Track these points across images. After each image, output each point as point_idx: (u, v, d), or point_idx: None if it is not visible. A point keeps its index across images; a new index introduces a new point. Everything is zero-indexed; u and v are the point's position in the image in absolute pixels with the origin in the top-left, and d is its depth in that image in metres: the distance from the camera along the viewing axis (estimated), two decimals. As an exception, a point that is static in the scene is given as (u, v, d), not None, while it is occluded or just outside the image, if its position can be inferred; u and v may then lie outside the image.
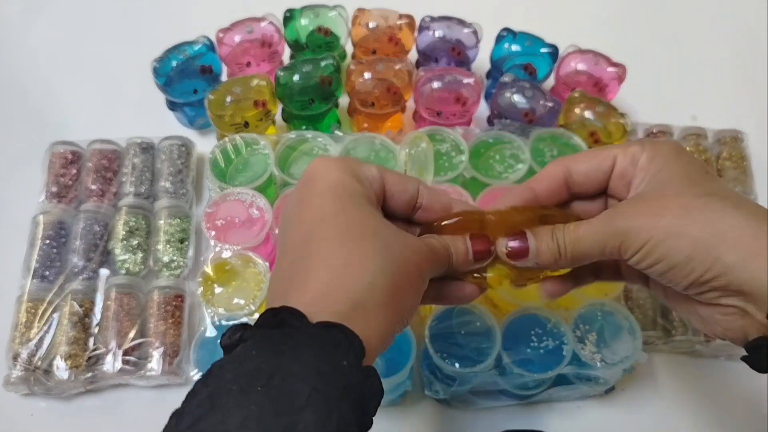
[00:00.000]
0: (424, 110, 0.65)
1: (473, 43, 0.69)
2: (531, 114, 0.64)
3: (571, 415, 0.57)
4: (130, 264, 0.59)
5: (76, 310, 0.55)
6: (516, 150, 0.61)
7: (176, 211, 0.61)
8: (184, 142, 0.65)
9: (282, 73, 0.62)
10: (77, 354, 0.54)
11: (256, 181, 0.57)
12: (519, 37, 0.69)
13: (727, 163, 0.68)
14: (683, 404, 0.58)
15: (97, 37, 0.78)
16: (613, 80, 0.68)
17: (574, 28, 0.72)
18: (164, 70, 0.64)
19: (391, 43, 0.69)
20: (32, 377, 0.53)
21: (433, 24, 0.69)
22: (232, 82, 0.63)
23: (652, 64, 0.77)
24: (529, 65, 0.69)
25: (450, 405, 0.56)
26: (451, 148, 0.61)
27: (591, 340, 0.52)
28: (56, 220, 0.60)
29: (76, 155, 0.64)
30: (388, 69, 0.64)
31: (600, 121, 0.63)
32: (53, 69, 0.75)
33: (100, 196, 0.62)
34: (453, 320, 0.52)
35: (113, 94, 0.73)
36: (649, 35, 0.82)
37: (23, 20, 0.80)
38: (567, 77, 0.69)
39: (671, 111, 0.72)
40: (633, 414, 0.57)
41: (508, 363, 0.50)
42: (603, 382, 0.54)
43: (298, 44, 0.69)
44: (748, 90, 0.77)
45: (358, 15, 0.69)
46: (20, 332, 0.55)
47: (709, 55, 0.80)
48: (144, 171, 0.63)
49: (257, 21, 0.68)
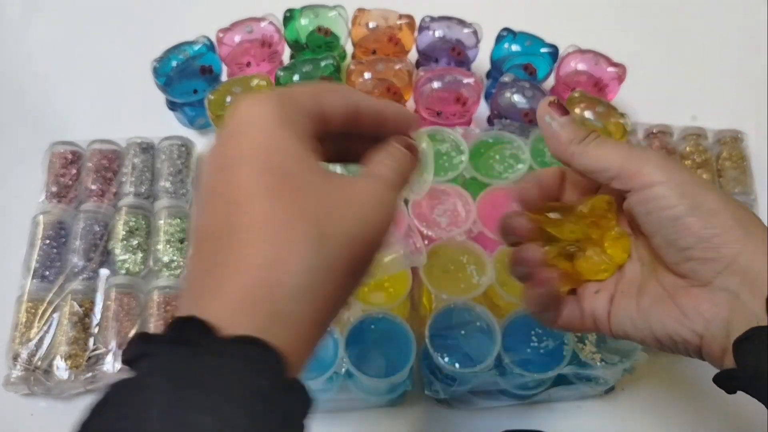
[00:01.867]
0: (424, 110, 0.66)
1: (473, 43, 0.69)
2: (531, 114, 0.64)
3: (571, 415, 0.57)
4: (130, 264, 0.59)
5: (76, 310, 0.55)
6: (516, 150, 0.61)
7: (176, 211, 0.61)
8: (184, 142, 0.65)
9: (282, 73, 0.62)
10: (77, 354, 0.54)
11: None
12: (519, 37, 0.69)
13: (727, 163, 0.68)
14: (683, 404, 0.58)
15: (97, 37, 0.78)
16: (613, 80, 0.68)
17: (574, 28, 0.72)
18: (164, 70, 0.64)
19: (391, 43, 0.69)
20: (32, 377, 0.53)
21: (433, 24, 0.69)
22: (232, 82, 0.63)
23: (652, 65, 0.77)
24: (529, 65, 0.69)
25: (450, 405, 0.56)
26: (451, 148, 0.61)
27: (591, 340, 0.52)
28: (56, 220, 0.60)
29: (76, 155, 0.64)
30: (388, 69, 0.64)
31: (600, 121, 0.63)
32: (53, 69, 0.75)
33: (100, 196, 0.62)
34: (453, 320, 0.52)
35: (113, 94, 0.73)
36: (649, 35, 0.82)
37: (23, 20, 0.80)
38: (567, 77, 0.69)
39: (671, 111, 0.72)
40: (633, 414, 0.57)
41: (508, 363, 0.50)
42: (603, 382, 0.54)
43: (298, 44, 0.69)
44: (748, 90, 0.77)
45: (358, 15, 0.69)
46: (20, 332, 0.55)
47: (709, 55, 0.80)
48: (144, 171, 0.63)
49: (257, 21, 0.68)
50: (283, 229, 0.25)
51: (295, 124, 0.27)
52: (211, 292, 0.25)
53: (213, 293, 0.25)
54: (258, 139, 0.26)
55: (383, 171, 0.31)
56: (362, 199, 0.28)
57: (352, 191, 0.28)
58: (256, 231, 0.25)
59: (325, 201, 0.26)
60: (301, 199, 0.26)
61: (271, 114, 0.27)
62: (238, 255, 0.25)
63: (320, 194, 0.26)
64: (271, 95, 0.28)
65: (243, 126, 0.27)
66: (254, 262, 0.24)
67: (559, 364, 0.50)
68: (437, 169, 0.60)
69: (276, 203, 0.25)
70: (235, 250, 0.25)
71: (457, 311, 0.52)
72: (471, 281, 0.53)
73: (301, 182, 0.26)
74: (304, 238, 0.25)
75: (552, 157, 0.62)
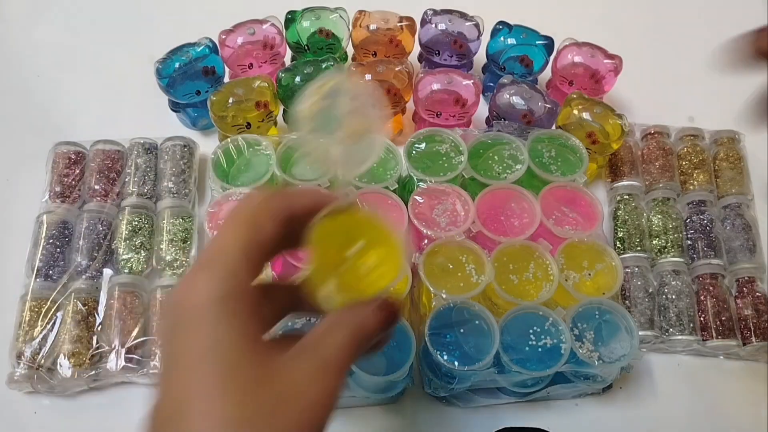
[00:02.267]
0: (423, 111, 0.66)
1: (475, 36, 0.70)
2: (529, 115, 0.64)
3: (569, 413, 0.57)
4: (134, 263, 0.59)
5: (79, 309, 0.56)
6: (515, 151, 0.62)
7: (179, 211, 0.62)
8: (186, 142, 0.65)
9: (283, 74, 0.63)
10: (80, 352, 0.55)
11: (258, 181, 0.58)
12: (515, 30, 0.70)
13: (723, 164, 0.68)
14: (680, 403, 0.58)
15: (100, 38, 0.79)
16: (609, 72, 0.69)
17: (571, 30, 0.72)
18: (167, 72, 0.65)
19: (391, 45, 0.69)
20: (36, 375, 0.54)
21: (435, 17, 0.70)
22: (234, 83, 0.63)
23: (650, 66, 0.78)
24: (525, 57, 0.69)
25: (449, 402, 0.56)
26: (450, 149, 0.62)
27: (589, 339, 0.52)
28: (60, 220, 0.60)
29: (79, 155, 0.64)
30: (388, 71, 0.64)
31: (598, 122, 0.63)
32: (57, 70, 0.76)
33: (103, 196, 0.62)
34: (452, 318, 0.52)
35: (117, 95, 0.74)
36: (646, 36, 0.82)
37: (27, 21, 0.80)
38: (564, 69, 0.70)
39: (668, 112, 0.73)
40: (630, 412, 0.57)
41: (507, 361, 0.50)
42: (601, 380, 0.54)
43: (300, 46, 0.69)
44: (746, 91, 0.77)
45: (358, 17, 0.70)
46: (24, 331, 0.55)
47: (707, 56, 0.80)
48: (147, 171, 0.64)
49: (259, 23, 0.68)
50: (229, 428, 0.26)
51: (236, 303, 0.28)
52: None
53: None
54: (201, 337, 0.27)
55: (335, 352, 0.29)
56: (304, 390, 0.28)
57: (295, 383, 0.28)
58: (203, 427, 0.26)
59: (267, 398, 0.27)
60: (245, 398, 0.27)
61: (212, 303, 0.28)
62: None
63: (263, 390, 0.27)
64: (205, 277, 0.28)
65: (188, 319, 0.28)
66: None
67: (558, 362, 0.50)
68: (437, 170, 0.60)
69: (220, 403, 0.26)
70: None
71: (456, 310, 0.53)
72: (470, 280, 0.54)
73: (245, 380, 0.27)
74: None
75: (551, 157, 0.62)
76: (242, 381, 0.27)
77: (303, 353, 0.29)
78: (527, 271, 0.55)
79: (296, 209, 0.31)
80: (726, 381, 0.59)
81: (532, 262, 0.55)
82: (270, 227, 0.30)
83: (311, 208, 0.31)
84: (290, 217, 0.31)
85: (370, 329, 0.30)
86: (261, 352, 0.28)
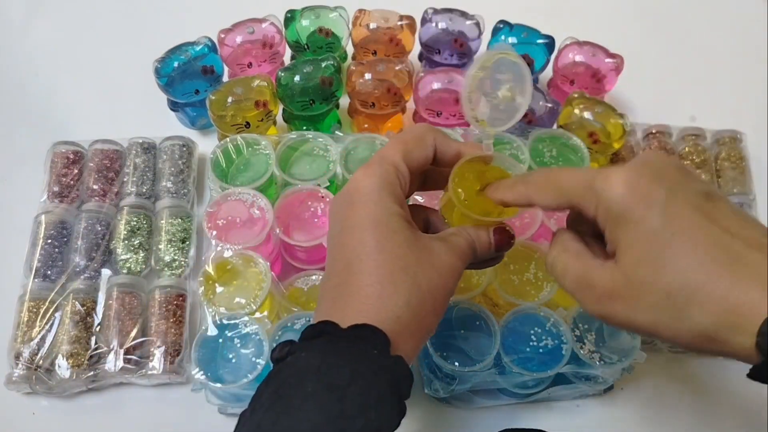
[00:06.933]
0: (424, 111, 0.66)
1: (476, 35, 0.69)
2: (530, 114, 0.64)
3: (570, 414, 0.57)
4: (132, 263, 0.59)
5: (77, 309, 0.56)
6: (515, 150, 0.62)
7: (178, 211, 0.62)
8: (185, 142, 0.65)
9: (283, 73, 0.62)
10: (79, 353, 0.54)
11: (257, 181, 0.58)
12: (515, 29, 0.70)
13: (725, 164, 0.68)
14: (682, 403, 0.58)
15: (99, 37, 0.79)
16: (611, 71, 0.68)
17: (572, 29, 0.72)
18: (166, 71, 0.65)
19: (391, 44, 0.69)
20: (34, 376, 0.53)
21: (435, 16, 0.69)
22: (233, 82, 0.63)
23: (651, 65, 0.78)
24: (526, 56, 0.69)
25: (450, 403, 0.56)
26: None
27: (590, 340, 0.52)
28: (58, 220, 0.60)
29: (77, 155, 0.64)
30: (388, 70, 0.64)
31: (599, 121, 0.63)
32: (55, 69, 0.76)
33: (102, 196, 0.62)
34: (453, 319, 0.52)
35: (115, 94, 0.74)
36: (648, 36, 0.82)
37: (25, 20, 0.80)
38: (565, 69, 0.70)
39: (670, 111, 0.73)
40: (632, 413, 0.57)
41: (508, 362, 0.50)
42: (602, 381, 0.54)
43: (299, 45, 0.69)
44: (747, 91, 0.77)
45: (358, 16, 0.69)
46: (22, 331, 0.55)
47: (709, 56, 0.80)
48: (146, 171, 0.63)
49: (258, 22, 0.68)
50: (388, 276, 0.36)
51: (394, 192, 0.39)
52: (340, 311, 0.36)
53: (341, 311, 0.36)
54: (369, 209, 0.38)
55: (461, 244, 0.40)
56: (442, 262, 0.38)
57: (435, 256, 0.38)
58: (370, 276, 0.36)
59: (415, 260, 0.37)
60: (400, 257, 0.37)
61: (377, 188, 0.38)
62: (358, 288, 0.36)
63: (413, 254, 0.37)
64: (377, 169, 0.39)
65: (359, 195, 0.38)
66: (369, 293, 0.36)
67: (558, 363, 0.50)
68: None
69: (385, 258, 0.37)
70: (355, 285, 0.36)
71: (456, 310, 0.53)
72: (471, 281, 0.54)
73: (399, 246, 0.37)
74: (401, 283, 0.36)
75: (552, 157, 0.62)
76: (399, 240, 0.37)
77: (436, 238, 0.40)
78: (528, 272, 0.55)
79: (444, 149, 0.41)
80: (727, 381, 0.58)
81: (532, 263, 0.55)
82: (418, 153, 0.40)
83: (453, 156, 0.41)
84: (436, 154, 0.41)
85: (484, 244, 0.41)
86: (409, 228, 0.38)
